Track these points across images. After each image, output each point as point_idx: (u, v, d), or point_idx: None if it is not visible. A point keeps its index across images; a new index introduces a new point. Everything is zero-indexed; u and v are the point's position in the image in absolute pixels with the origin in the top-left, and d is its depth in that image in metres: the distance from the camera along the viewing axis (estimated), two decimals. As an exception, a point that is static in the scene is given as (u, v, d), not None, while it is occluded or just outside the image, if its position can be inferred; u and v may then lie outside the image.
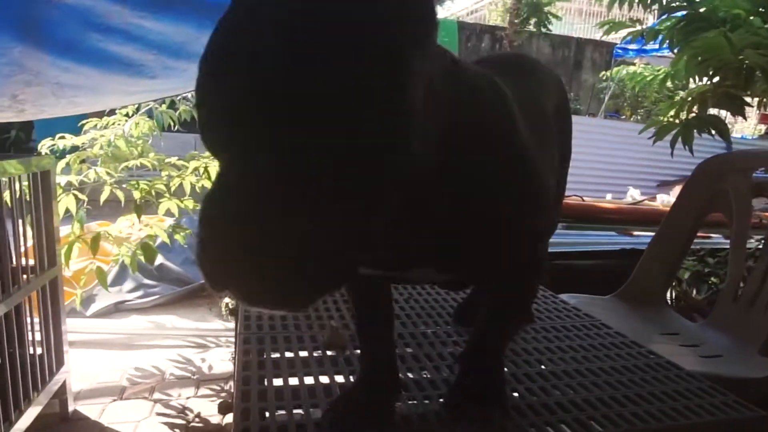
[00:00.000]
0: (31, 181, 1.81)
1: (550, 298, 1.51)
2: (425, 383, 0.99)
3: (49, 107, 2.13)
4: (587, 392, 0.97)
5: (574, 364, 1.09)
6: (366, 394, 0.86)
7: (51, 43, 1.96)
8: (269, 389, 0.94)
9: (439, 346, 1.17)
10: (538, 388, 0.98)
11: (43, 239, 1.88)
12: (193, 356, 2.56)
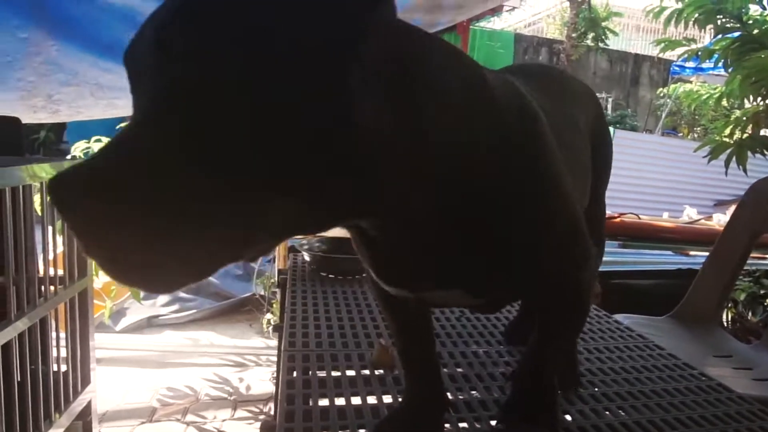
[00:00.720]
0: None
1: (604, 318, 1.49)
2: (476, 404, 0.97)
3: (86, 109, 2.04)
4: (639, 414, 0.96)
5: (626, 386, 1.08)
6: (412, 414, 0.85)
7: (92, 43, 1.88)
8: (314, 409, 0.91)
9: (490, 366, 1.15)
10: (590, 410, 0.97)
11: (73, 247, 1.77)
12: (231, 375, 2.42)
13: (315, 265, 1.65)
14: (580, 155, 0.92)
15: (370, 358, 1.12)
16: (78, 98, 1.96)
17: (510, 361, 1.17)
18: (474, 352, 1.21)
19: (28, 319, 1.50)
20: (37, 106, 1.89)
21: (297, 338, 1.21)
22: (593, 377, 1.11)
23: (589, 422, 0.92)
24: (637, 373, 1.14)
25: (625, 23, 11.57)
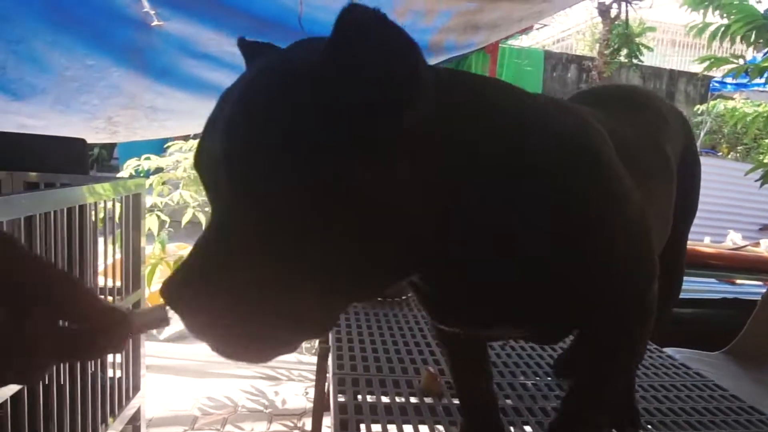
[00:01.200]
0: (123, 203, 1.80)
1: (656, 353, 1.42)
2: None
3: (141, 130, 2.16)
4: None
5: (689, 429, 1.02)
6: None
7: (149, 68, 2.00)
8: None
9: (540, 399, 1.11)
10: None
11: (130, 261, 1.87)
12: (266, 389, 2.49)
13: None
14: (662, 183, 0.87)
15: (418, 385, 1.10)
16: (134, 120, 2.08)
17: (561, 394, 1.12)
18: (522, 384, 1.17)
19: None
20: (98, 128, 2.01)
21: (345, 361, 1.21)
22: (652, 418, 1.06)
23: None
24: (699, 416, 1.07)
25: (660, 38, 11.37)
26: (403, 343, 1.33)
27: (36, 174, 1.80)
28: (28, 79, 1.77)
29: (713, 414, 1.08)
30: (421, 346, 1.33)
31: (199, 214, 2.46)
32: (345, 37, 0.45)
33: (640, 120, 0.89)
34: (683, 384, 1.23)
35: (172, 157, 2.65)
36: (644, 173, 0.77)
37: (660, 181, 0.86)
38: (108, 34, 1.83)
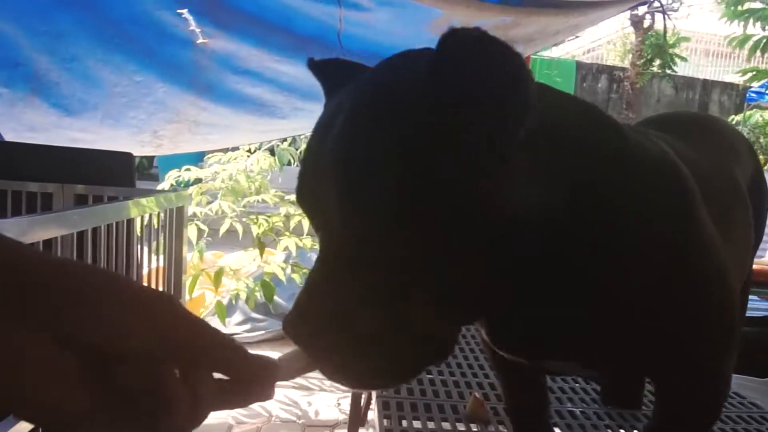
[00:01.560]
0: (167, 217, 1.86)
1: None
2: None
3: (184, 143, 2.23)
4: None
5: None
6: None
7: (193, 84, 2.06)
8: None
9: (590, 428, 1.07)
10: None
11: (171, 271, 1.92)
12: (299, 399, 2.52)
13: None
14: (739, 218, 0.84)
15: (464, 410, 1.09)
16: (178, 134, 2.14)
17: (611, 424, 1.10)
18: (570, 412, 1.14)
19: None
20: (144, 141, 2.08)
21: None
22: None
23: None
24: None
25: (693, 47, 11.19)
26: (448, 366, 1.32)
27: (84, 186, 1.87)
28: (79, 96, 1.85)
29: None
30: (466, 369, 1.32)
31: (236, 224, 2.51)
32: (455, 58, 0.44)
33: (711, 148, 0.86)
34: (738, 416, 1.18)
35: (210, 169, 2.71)
36: (720, 207, 0.74)
37: (735, 214, 0.82)
38: (156, 52, 1.89)
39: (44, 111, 1.86)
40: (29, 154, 1.81)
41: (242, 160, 2.77)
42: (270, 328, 3.13)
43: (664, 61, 8.29)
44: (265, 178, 2.77)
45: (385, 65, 0.53)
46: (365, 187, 0.45)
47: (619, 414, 1.16)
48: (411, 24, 2.18)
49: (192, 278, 2.19)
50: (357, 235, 0.46)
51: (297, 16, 1.98)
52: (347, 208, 0.46)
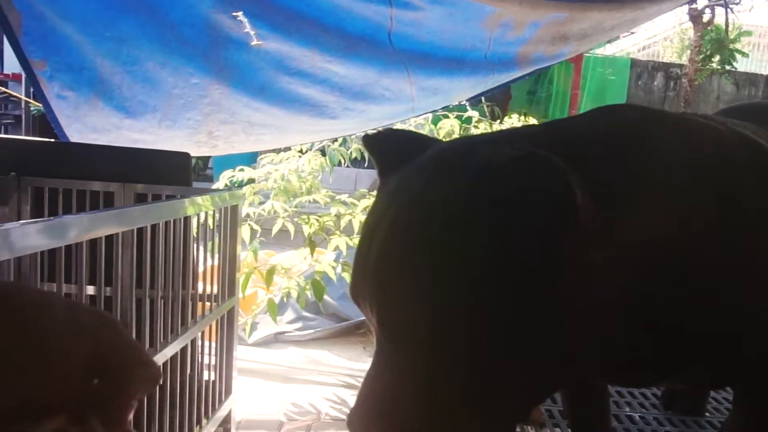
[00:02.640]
0: (222, 215, 1.90)
1: None
2: None
3: (239, 143, 2.27)
4: None
5: None
6: None
7: (247, 85, 2.10)
8: None
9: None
10: None
11: (226, 269, 1.96)
12: (349, 398, 2.53)
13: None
14: None
15: None
16: (232, 134, 2.18)
17: (672, 430, 1.09)
18: (629, 416, 1.14)
19: (191, 332, 1.70)
20: (200, 142, 2.14)
21: None
22: None
23: None
24: None
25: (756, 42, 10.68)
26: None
27: (143, 185, 1.94)
28: (140, 98, 1.91)
29: None
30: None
31: (288, 224, 2.54)
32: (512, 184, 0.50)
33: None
34: None
35: (263, 169, 2.76)
36: None
37: None
38: (212, 54, 1.94)
39: (107, 113, 1.93)
40: (93, 155, 1.89)
41: (294, 161, 2.81)
42: (320, 327, 3.16)
43: (723, 57, 7.93)
44: (316, 179, 2.80)
45: (437, 168, 0.57)
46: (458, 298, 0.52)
47: (681, 420, 1.14)
48: (462, 22, 2.16)
49: (245, 276, 2.23)
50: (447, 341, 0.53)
51: (348, 15, 1.99)
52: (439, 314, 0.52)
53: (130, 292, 1.41)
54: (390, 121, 2.66)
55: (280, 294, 2.65)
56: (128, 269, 1.39)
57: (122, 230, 1.31)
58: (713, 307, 0.59)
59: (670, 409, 1.17)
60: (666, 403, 1.20)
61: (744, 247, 0.58)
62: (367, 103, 2.28)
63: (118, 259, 1.37)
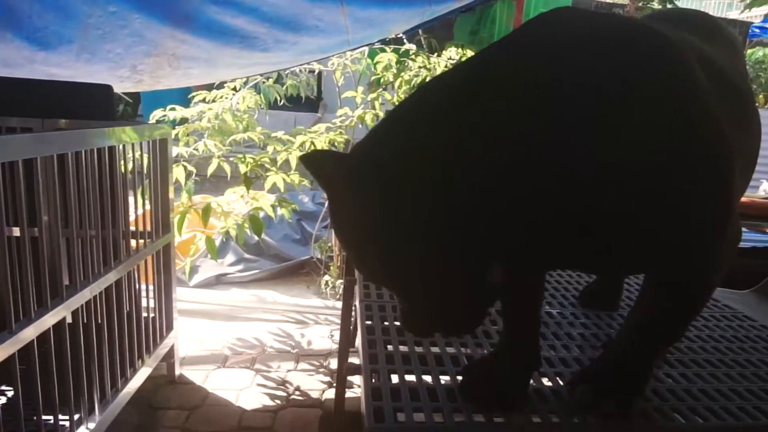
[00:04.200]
0: (150, 149, 1.85)
1: None
2: (556, 360, 0.97)
3: (164, 78, 2.19)
4: (734, 383, 0.91)
5: (716, 354, 1.04)
6: (505, 366, 0.85)
7: (171, 15, 2.01)
8: (396, 354, 0.94)
9: (566, 326, 1.15)
10: (678, 375, 0.93)
11: (159, 206, 1.93)
12: (293, 331, 2.58)
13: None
14: (750, 108, 0.84)
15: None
16: (157, 68, 2.10)
17: (587, 323, 1.16)
18: (548, 313, 1.20)
19: (124, 268, 1.68)
20: (123, 76, 2.05)
21: (371, 289, 1.26)
22: (679, 343, 1.06)
23: (681, 386, 0.88)
24: (728, 343, 1.09)
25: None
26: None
27: (66, 121, 1.86)
28: (53, 28, 1.80)
29: (742, 341, 1.10)
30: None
31: (224, 164, 2.50)
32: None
33: (718, 44, 0.87)
34: (711, 315, 1.24)
35: (196, 108, 2.68)
36: (738, 104, 0.76)
37: (742, 108, 0.83)
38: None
39: (17, 45, 1.81)
40: (6, 89, 1.79)
41: (228, 100, 2.74)
42: (262, 268, 3.17)
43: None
44: (252, 117, 2.75)
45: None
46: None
47: (596, 314, 1.22)
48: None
49: (180, 215, 2.20)
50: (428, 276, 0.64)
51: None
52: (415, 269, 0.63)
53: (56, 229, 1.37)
54: (324, 55, 2.62)
55: (220, 236, 2.63)
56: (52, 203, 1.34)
57: (41, 155, 1.26)
58: (619, 196, 0.63)
59: (586, 306, 1.25)
60: (583, 301, 1.27)
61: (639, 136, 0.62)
62: (299, 35, 2.22)
63: (39, 190, 1.32)
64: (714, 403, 0.81)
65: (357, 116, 2.71)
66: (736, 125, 0.71)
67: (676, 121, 0.63)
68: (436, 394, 0.80)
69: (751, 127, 0.81)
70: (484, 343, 1.00)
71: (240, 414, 1.90)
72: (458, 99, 0.62)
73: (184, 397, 2.00)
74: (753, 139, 0.83)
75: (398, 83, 2.73)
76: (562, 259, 0.75)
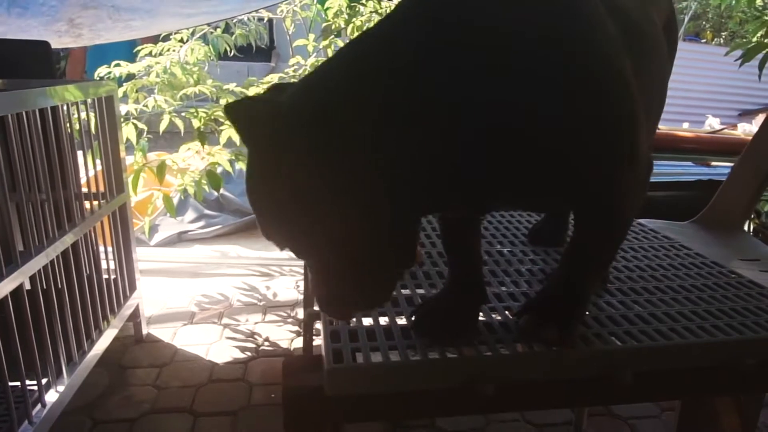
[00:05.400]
0: (97, 107, 1.79)
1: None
2: (505, 296, 0.99)
3: (105, 32, 2.10)
4: (668, 307, 0.95)
5: (654, 282, 1.07)
6: (453, 301, 0.88)
7: (106, -36, 1.91)
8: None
9: (516, 263, 1.17)
10: (617, 302, 0.97)
11: (110, 166, 1.89)
12: (259, 284, 2.60)
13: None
14: (657, 56, 0.87)
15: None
16: (97, 21, 2.01)
17: (535, 259, 1.19)
18: (499, 251, 1.23)
19: (79, 229, 1.65)
20: (61, 31, 1.95)
21: None
22: (619, 274, 1.10)
23: (619, 312, 0.91)
24: (664, 271, 1.12)
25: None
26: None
27: (3, 81, 1.77)
28: (-23, -20, 1.69)
29: (677, 269, 1.15)
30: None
31: (176, 120, 2.44)
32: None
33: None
34: (651, 246, 1.29)
35: (142, 63, 2.59)
36: (640, 43, 0.78)
37: (655, 53, 0.86)
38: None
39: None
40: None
41: (176, 52, 2.65)
42: (224, 223, 3.16)
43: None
44: (202, 70, 2.67)
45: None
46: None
47: (543, 250, 1.25)
48: None
49: (134, 174, 2.16)
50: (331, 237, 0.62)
51: None
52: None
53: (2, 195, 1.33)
54: (273, 1, 2.54)
55: (178, 194, 2.60)
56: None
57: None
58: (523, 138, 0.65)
59: (535, 243, 1.30)
60: (531, 239, 1.32)
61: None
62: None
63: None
64: (648, 326, 0.86)
65: (310, 65, 2.66)
66: (635, 62, 0.73)
67: (577, 66, 0.66)
68: (392, 333, 0.83)
69: (653, 65, 0.85)
70: (437, 283, 1.04)
71: (211, 367, 1.94)
72: (377, 48, 0.64)
73: (153, 354, 2.02)
74: (654, 77, 0.86)
75: (350, 29, 2.68)
76: (483, 201, 0.77)
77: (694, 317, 0.90)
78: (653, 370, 0.81)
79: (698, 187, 2.59)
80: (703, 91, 5.70)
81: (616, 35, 0.71)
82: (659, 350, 0.80)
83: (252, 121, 0.62)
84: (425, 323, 0.83)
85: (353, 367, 0.73)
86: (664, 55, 0.95)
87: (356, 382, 0.73)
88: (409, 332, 0.83)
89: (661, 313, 0.91)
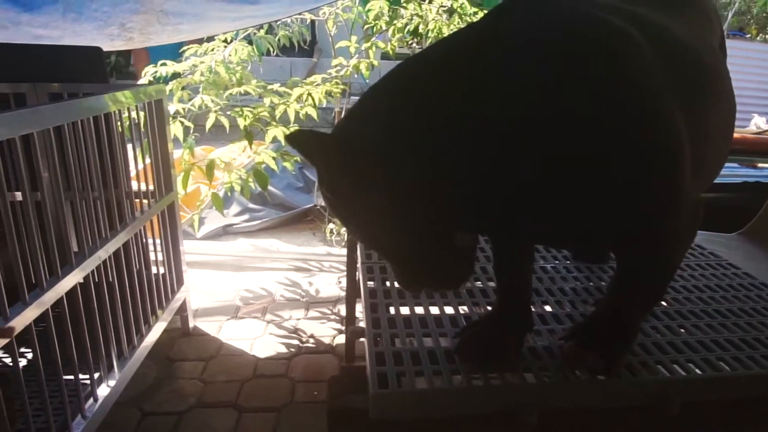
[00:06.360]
0: (147, 110, 1.84)
1: None
2: (548, 317, 0.98)
3: (155, 35, 2.15)
4: (716, 333, 0.93)
5: (700, 304, 1.05)
6: (499, 326, 0.87)
7: (156, -31, 1.95)
8: (397, 317, 0.96)
9: (559, 281, 1.16)
10: (663, 327, 0.95)
11: (159, 166, 1.95)
12: (300, 280, 2.65)
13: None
14: (712, 78, 0.84)
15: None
16: (147, 25, 2.06)
17: (579, 276, 1.18)
18: (542, 268, 1.22)
19: (131, 228, 1.71)
20: (113, 35, 2.01)
21: (373, 252, 1.27)
22: (666, 295, 1.08)
23: (665, 339, 0.90)
24: (711, 292, 1.10)
25: None
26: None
27: (58, 84, 1.84)
28: (35, -13, 1.75)
29: (725, 290, 1.12)
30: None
31: (222, 118, 2.49)
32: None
33: (685, 14, 0.87)
34: (697, 264, 1.26)
35: (188, 62, 2.64)
36: (698, 79, 0.77)
37: (707, 78, 0.83)
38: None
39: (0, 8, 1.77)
40: (-5, 55, 1.77)
41: (220, 52, 2.69)
42: (268, 217, 3.21)
43: None
44: (245, 69, 2.71)
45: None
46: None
47: (587, 267, 1.25)
48: None
49: (184, 173, 2.22)
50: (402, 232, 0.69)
51: None
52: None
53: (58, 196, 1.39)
54: (316, 4, 2.55)
55: (223, 189, 2.66)
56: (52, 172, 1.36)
57: (36, 130, 1.27)
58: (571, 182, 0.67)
59: (578, 260, 1.29)
60: (575, 256, 1.30)
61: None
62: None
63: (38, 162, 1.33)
64: (696, 354, 0.85)
65: (352, 65, 2.67)
66: (691, 103, 0.72)
67: (618, 119, 0.66)
68: (436, 356, 0.83)
69: (716, 99, 0.83)
70: (481, 302, 1.04)
71: (255, 362, 1.99)
72: (430, 85, 0.67)
73: (200, 348, 2.09)
74: (718, 113, 0.84)
75: (391, 31, 2.67)
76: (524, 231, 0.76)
77: (744, 346, 0.88)
78: (700, 401, 0.80)
79: (744, 189, 2.52)
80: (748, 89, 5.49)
81: (662, 83, 0.69)
82: (708, 381, 0.79)
83: (308, 152, 0.71)
84: (469, 348, 0.84)
85: (398, 393, 0.75)
86: (727, 90, 0.91)
87: (400, 408, 0.75)
88: (452, 356, 0.83)
89: (710, 341, 0.90)
